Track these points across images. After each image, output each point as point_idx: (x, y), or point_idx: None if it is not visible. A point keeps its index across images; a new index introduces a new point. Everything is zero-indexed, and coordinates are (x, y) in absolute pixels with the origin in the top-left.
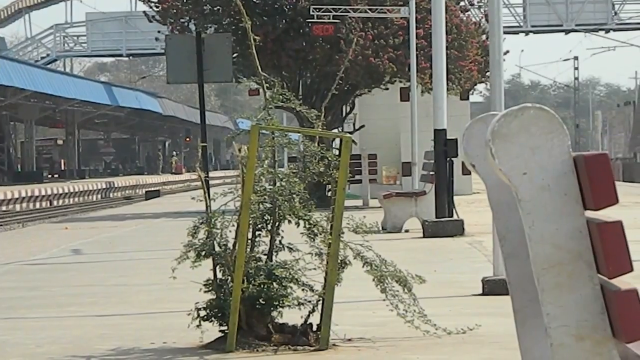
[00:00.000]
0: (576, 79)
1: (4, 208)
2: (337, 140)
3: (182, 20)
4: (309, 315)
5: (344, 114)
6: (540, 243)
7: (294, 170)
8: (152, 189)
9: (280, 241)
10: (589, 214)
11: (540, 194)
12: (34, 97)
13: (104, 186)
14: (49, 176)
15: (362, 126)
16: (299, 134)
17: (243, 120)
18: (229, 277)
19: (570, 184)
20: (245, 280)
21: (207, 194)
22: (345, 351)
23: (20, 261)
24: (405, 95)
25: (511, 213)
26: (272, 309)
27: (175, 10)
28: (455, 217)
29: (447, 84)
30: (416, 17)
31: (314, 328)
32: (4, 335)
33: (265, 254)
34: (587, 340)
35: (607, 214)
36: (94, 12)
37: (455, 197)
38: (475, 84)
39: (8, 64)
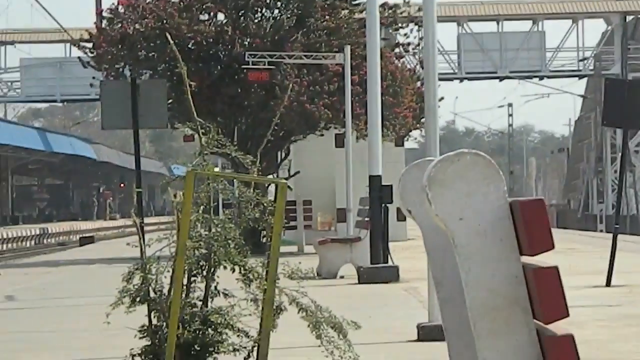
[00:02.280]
0: (510, 125)
1: None
2: (273, 186)
3: (117, 66)
4: None
5: (279, 160)
6: (476, 288)
7: (230, 216)
8: (87, 234)
9: (215, 287)
10: (525, 259)
11: (477, 239)
12: None
13: (38, 232)
14: None
15: (297, 172)
16: (234, 180)
17: (178, 166)
18: (164, 323)
19: (507, 229)
20: (181, 326)
21: (142, 240)
22: None
23: None
24: (340, 141)
25: (447, 258)
26: (207, 355)
27: (110, 56)
28: (390, 263)
29: (382, 131)
30: (351, 64)
31: None
32: None
33: (200, 300)
34: None
35: (543, 260)
36: (28, 57)
37: (390, 243)
38: (410, 131)
39: None
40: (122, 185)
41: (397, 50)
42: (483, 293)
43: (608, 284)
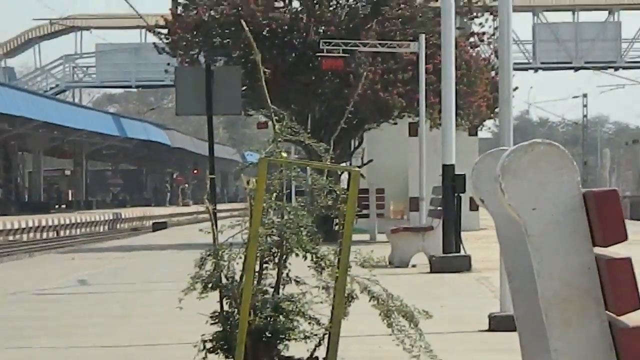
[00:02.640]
0: (585, 116)
1: (11, 238)
2: (345, 174)
3: (191, 52)
4: (315, 349)
5: (352, 148)
6: (548, 279)
7: (302, 204)
8: (160, 220)
9: (287, 274)
10: (598, 250)
11: (550, 230)
12: (42, 128)
13: (111, 217)
14: (56, 206)
15: (370, 160)
16: (307, 167)
17: (251, 153)
18: (236, 310)
19: (580, 220)
20: (252, 313)
21: (214, 226)
22: None
23: (27, 291)
24: (413, 130)
25: (519, 248)
26: (278, 342)
27: (185, 43)
28: (462, 252)
29: (456, 120)
30: (426, 53)
31: None
32: None
33: (272, 287)
34: None
35: (615, 251)
36: (104, 43)
37: (462, 233)
38: (484, 120)
39: (17, 94)
40: (195, 171)
41: (471, 39)
42: (555, 283)
43: None
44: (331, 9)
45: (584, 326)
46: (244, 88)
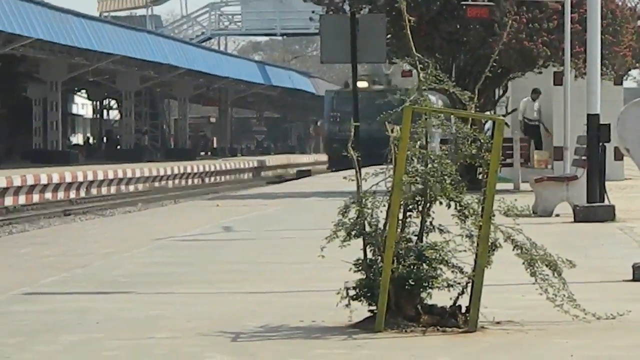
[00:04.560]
0: None
1: (157, 184)
2: (490, 123)
3: (336, 0)
4: (458, 297)
5: (496, 97)
6: None
7: (446, 152)
8: (304, 168)
9: (431, 222)
10: None
11: None
12: (188, 75)
13: (256, 164)
14: (202, 154)
15: (515, 109)
16: (451, 116)
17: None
18: (379, 257)
19: None
20: (395, 261)
21: (358, 174)
22: (494, 334)
23: (173, 237)
24: (558, 79)
25: None
26: (421, 290)
27: None
28: (606, 202)
29: (601, 69)
30: (571, 2)
31: (463, 310)
32: (155, 309)
33: (415, 235)
34: None
35: None
36: None
37: (607, 183)
38: (630, 69)
39: (163, 41)
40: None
41: None
42: None
43: None
44: None
45: None
46: (388, 36)
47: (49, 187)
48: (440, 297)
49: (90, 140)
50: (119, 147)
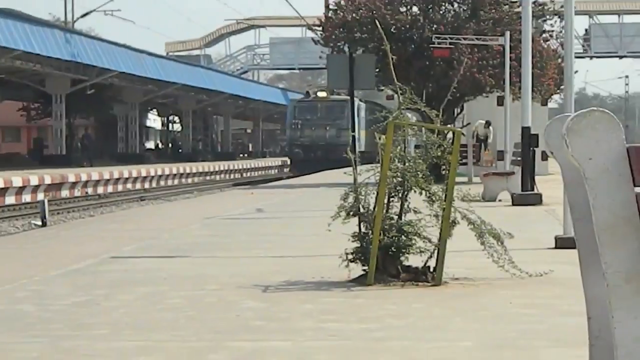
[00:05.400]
0: (627, 92)
1: (208, 178)
2: (450, 134)
3: (339, 44)
4: (427, 260)
5: (455, 115)
6: (600, 210)
7: (419, 155)
8: None
9: (408, 205)
10: (638, 189)
11: (602, 175)
12: (230, 98)
13: (280, 163)
14: (240, 155)
15: (469, 123)
16: (422, 128)
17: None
18: (370, 231)
19: (624, 167)
20: (382, 234)
21: (355, 170)
22: (454, 287)
23: (217, 216)
24: (500, 101)
25: (579, 188)
26: (400, 254)
27: (334, 37)
28: (535, 191)
29: (532, 94)
30: (510, 45)
31: (431, 270)
32: (204, 269)
33: (396, 215)
34: (634, 282)
35: None
36: (276, 37)
37: (535, 177)
38: (552, 95)
39: (213, 73)
40: None
41: (544, 35)
42: (605, 214)
43: None
44: (441, 12)
45: (627, 245)
46: (376, 70)
47: (129, 180)
48: (414, 260)
49: (160, 146)
50: (180, 150)
